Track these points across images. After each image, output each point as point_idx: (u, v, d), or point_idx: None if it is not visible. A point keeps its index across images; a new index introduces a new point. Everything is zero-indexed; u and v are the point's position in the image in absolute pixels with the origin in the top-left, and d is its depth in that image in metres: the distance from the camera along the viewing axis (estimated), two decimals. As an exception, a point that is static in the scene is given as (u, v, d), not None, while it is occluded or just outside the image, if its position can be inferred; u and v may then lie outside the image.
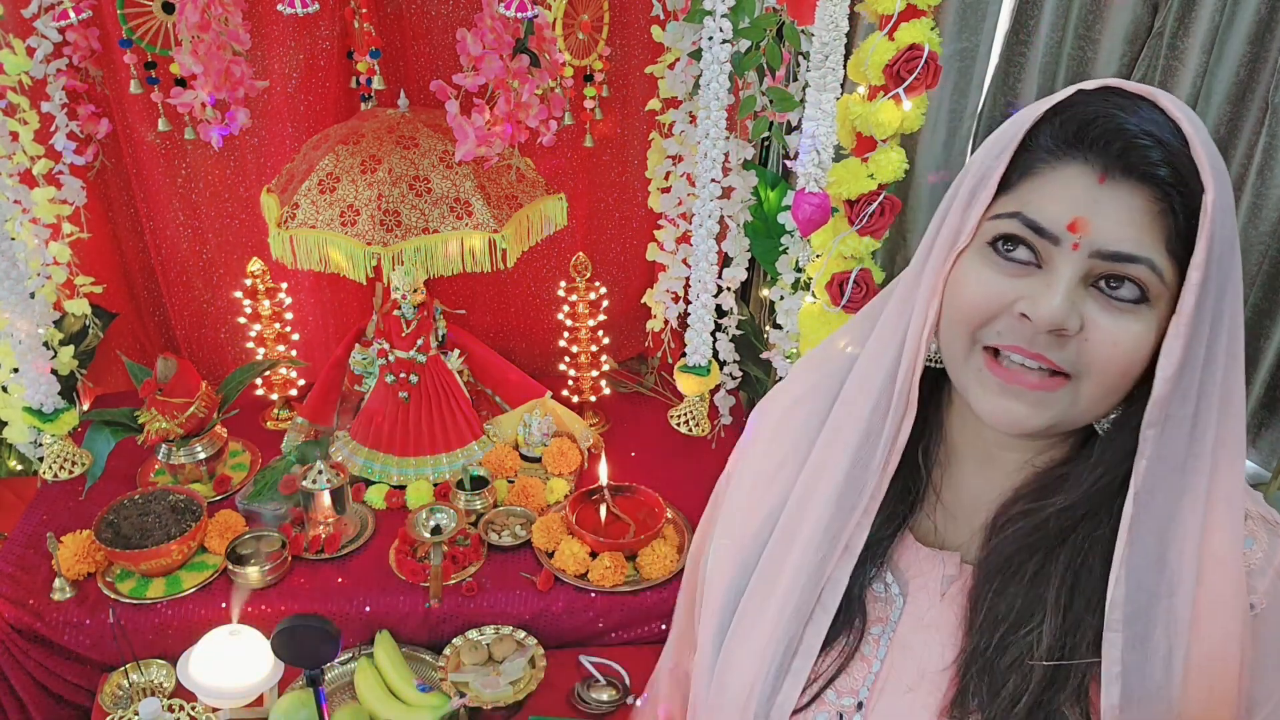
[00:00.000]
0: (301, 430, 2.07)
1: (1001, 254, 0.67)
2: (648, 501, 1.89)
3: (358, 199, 1.73)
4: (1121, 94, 0.65)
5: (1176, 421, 0.65)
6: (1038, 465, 0.74)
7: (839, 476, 0.76)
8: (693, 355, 2.08)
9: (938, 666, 0.73)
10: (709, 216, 1.92)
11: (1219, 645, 0.67)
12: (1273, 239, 2.31)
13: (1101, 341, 0.65)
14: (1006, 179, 0.68)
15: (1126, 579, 0.66)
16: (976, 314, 0.68)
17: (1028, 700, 0.68)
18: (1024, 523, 0.72)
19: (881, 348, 0.76)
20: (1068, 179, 0.65)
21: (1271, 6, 2.14)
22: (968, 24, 2.27)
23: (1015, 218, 0.66)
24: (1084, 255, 0.64)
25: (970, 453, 0.77)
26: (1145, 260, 0.63)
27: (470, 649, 1.65)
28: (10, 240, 1.84)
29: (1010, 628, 0.70)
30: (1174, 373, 0.64)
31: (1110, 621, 0.66)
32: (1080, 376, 0.66)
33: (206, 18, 1.69)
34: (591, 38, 1.97)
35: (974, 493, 0.77)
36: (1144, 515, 0.66)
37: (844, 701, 0.75)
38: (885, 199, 1.59)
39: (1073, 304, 0.64)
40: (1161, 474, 0.66)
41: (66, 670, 1.68)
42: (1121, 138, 0.63)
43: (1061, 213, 0.64)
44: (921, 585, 0.76)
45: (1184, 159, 0.62)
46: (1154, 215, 0.63)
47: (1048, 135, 0.66)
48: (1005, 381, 0.67)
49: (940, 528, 0.79)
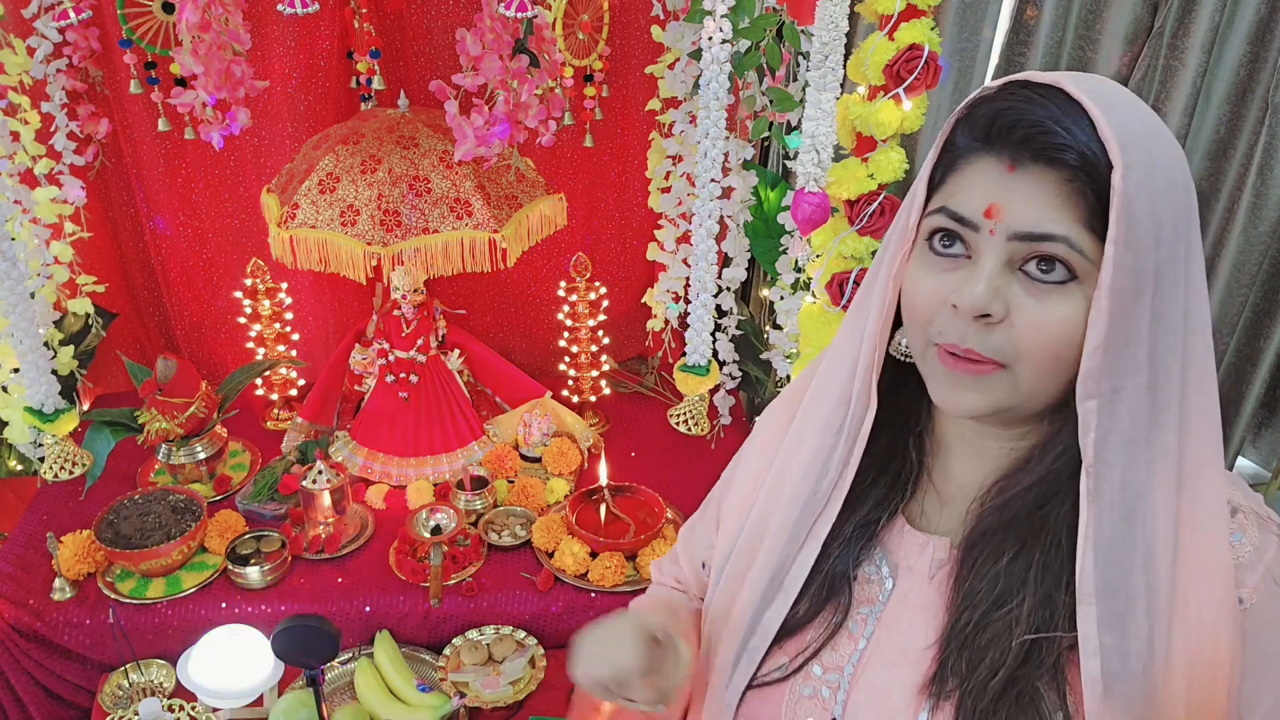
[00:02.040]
0: (301, 430, 2.07)
1: (937, 250, 0.71)
2: (648, 501, 1.89)
3: (358, 199, 1.73)
4: (1029, 86, 0.67)
5: (1129, 393, 0.66)
6: (1017, 451, 0.76)
7: (802, 468, 0.81)
8: (692, 355, 2.08)
9: (921, 645, 0.75)
10: (709, 216, 1.92)
11: (1205, 623, 0.68)
12: (1272, 239, 2.31)
13: (1026, 326, 0.67)
14: (937, 179, 0.72)
15: (1094, 553, 0.67)
16: (922, 312, 0.71)
17: (1003, 675, 0.69)
18: (997, 503, 0.74)
19: (842, 347, 0.80)
20: (982, 170, 0.68)
21: (1271, 6, 2.14)
22: (968, 24, 2.27)
23: (941, 211, 0.70)
24: (1002, 239, 0.67)
25: (956, 441, 0.80)
26: (1061, 238, 0.65)
27: (470, 649, 1.65)
28: (10, 240, 1.84)
29: (991, 606, 0.72)
30: (1099, 344, 0.65)
31: (1083, 596, 0.67)
32: (1014, 362, 0.68)
33: (206, 18, 1.69)
34: (591, 38, 1.97)
35: (962, 478, 0.79)
36: (1105, 488, 0.67)
37: (829, 676, 0.78)
38: (885, 199, 1.59)
39: (996, 289, 0.67)
40: (1118, 446, 0.67)
41: (66, 670, 1.68)
42: (1024, 126, 0.65)
43: (978, 201, 0.68)
44: (910, 568, 0.79)
45: (1089, 143, 0.64)
46: (1066, 195, 0.65)
47: (961, 134, 0.70)
48: (949, 369, 0.70)
49: (931, 512, 0.81)
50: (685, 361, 2.10)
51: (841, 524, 0.80)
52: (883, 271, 0.76)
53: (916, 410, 0.82)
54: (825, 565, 0.80)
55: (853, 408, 0.78)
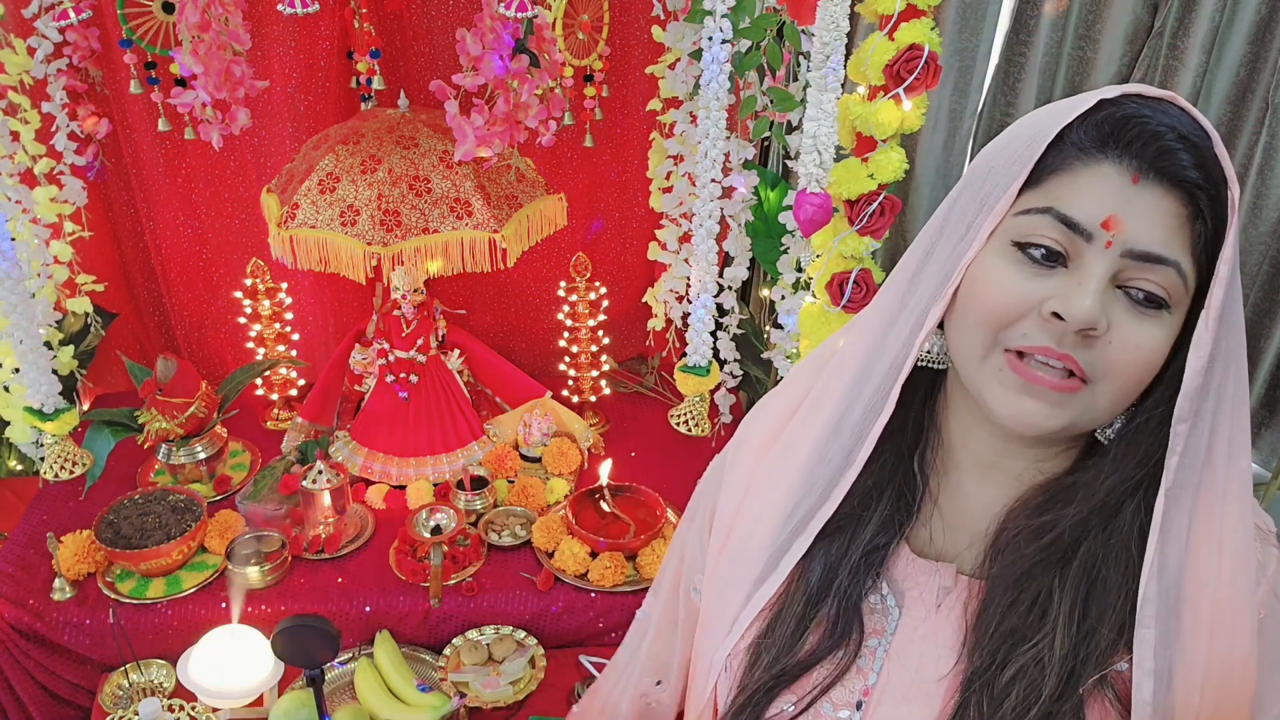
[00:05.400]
0: (301, 430, 2.06)
1: (1026, 253, 0.67)
2: (648, 501, 1.89)
3: (358, 199, 1.73)
4: (1145, 97, 0.65)
5: (1202, 417, 0.66)
6: (1041, 474, 0.74)
7: (801, 466, 0.78)
8: (693, 355, 2.08)
9: (933, 677, 0.73)
10: (709, 216, 1.92)
11: (1238, 645, 0.67)
12: (1273, 239, 2.31)
13: (1124, 345, 0.65)
14: (1031, 176, 0.67)
15: (1159, 577, 0.66)
16: (1002, 315, 0.67)
17: (1035, 713, 0.67)
18: (1034, 537, 0.71)
19: (860, 347, 0.76)
20: (1102, 177, 0.64)
21: (1271, 6, 2.14)
22: (968, 24, 2.27)
23: (1047, 213, 0.66)
24: (1116, 254, 0.64)
25: (970, 460, 0.77)
26: (1174, 263, 0.64)
27: (470, 649, 1.65)
28: (11, 240, 1.84)
29: (1017, 642, 0.69)
30: (1203, 365, 0.64)
31: (1143, 619, 0.66)
32: (1099, 380, 0.66)
33: (206, 18, 1.69)
34: (591, 38, 1.97)
35: (974, 502, 0.76)
36: (1175, 511, 0.66)
37: (840, 713, 0.74)
38: (885, 199, 1.59)
39: (1103, 304, 0.64)
40: (1189, 468, 0.66)
41: (66, 670, 1.68)
42: (1157, 139, 0.63)
43: (1096, 209, 0.64)
44: (917, 597, 0.76)
45: (1210, 160, 0.63)
46: (1183, 219, 0.63)
47: (1080, 133, 0.66)
48: (1028, 381, 0.67)
49: (937, 538, 0.78)
50: (685, 362, 2.10)
51: (846, 550, 0.76)
52: (932, 272, 0.71)
53: (920, 424, 0.78)
54: (832, 595, 0.75)
55: (868, 405, 0.74)
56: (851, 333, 0.80)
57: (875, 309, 0.77)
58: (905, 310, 0.73)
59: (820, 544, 0.77)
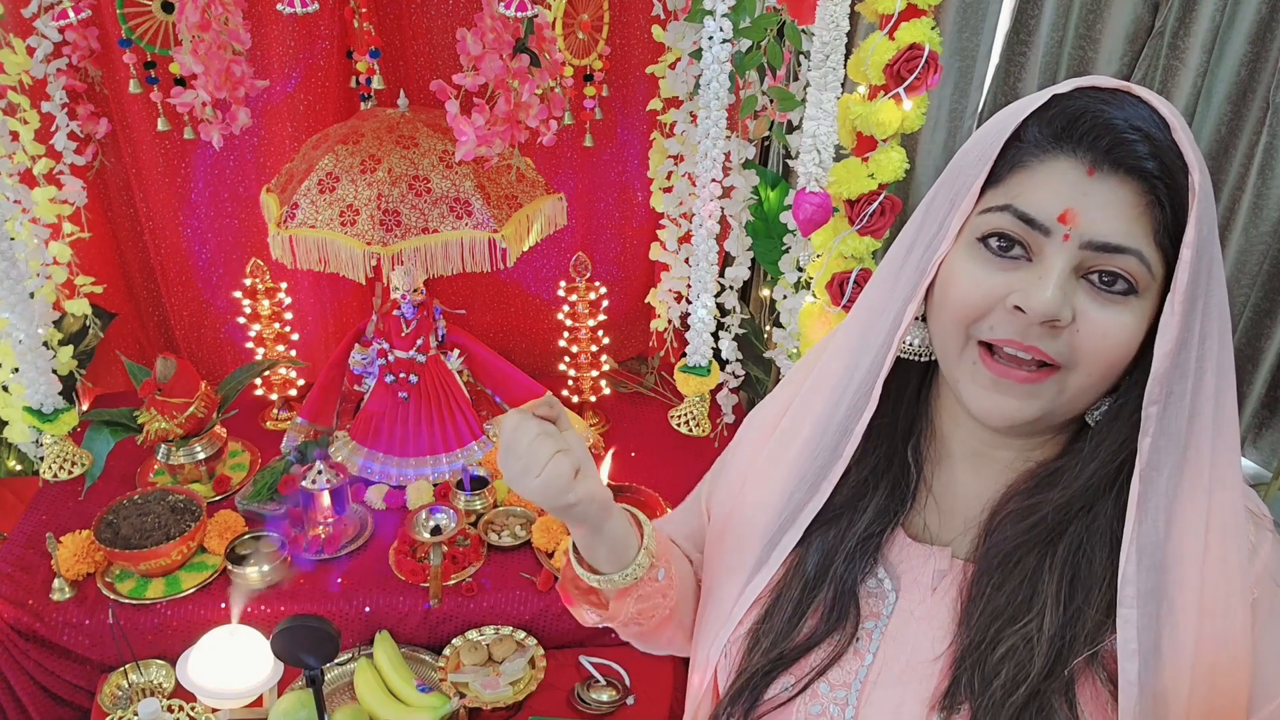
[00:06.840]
0: (301, 430, 2.06)
1: (991, 249, 0.69)
2: (648, 501, 1.89)
3: (357, 199, 1.73)
4: (1100, 90, 0.66)
5: (1177, 398, 0.67)
6: (1031, 461, 0.76)
7: (793, 461, 0.81)
8: (693, 355, 2.08)
9: (927, 658, 0.74)
10: (710, 216, 1.92)
11: (1231, 626, 0.68)
12: (1273, 239, 2.31)
13: (1092, 333, 0.66)
14: (994, 174, 0.69)
15: (1137, 557, 0.67)
16: (970, 309, 0.69)
17: (1025, 691, 0.68)
18: (1020, 519, 0.73)
19: (846, 344, 0.79)
20: (1057, 172, 0.66)
21: (1272, 6, 2.14)
22: (968, 24, 2.27)
23: (1006, 210, 0.68)
24: (1074, 246, 0.65)
25: (962, 450, 0.79)
26: (1134, 251, 0.65)
27: (470, 649, 1.65)
28: (10, 240, 1.84)
29: (1005, 622, 0.71)
30: (1171, 349, 0.65)
31: (1124, 599, 0.67)
32: (1069, 367, 0.68)
33: (206, 17, 1.69)
34: (591, 38, 1.97)
35: (967, 489, 0.78)
36: (1151, 493, 0.67)
37: (837, 694, 0.76)
38: (885, 199, 1.59)
39: (1065, 295, 0.66)
40: (1165, 450, 0.67)
41: (66, 670, 1.67)
42: (1110, 131, 0.64)
43: (1052, 204, 0.66)
44: (913, 580, 0.78)
45: (1168, 149, 0.64)
46: (1142, 208, 0.64)
47: (1036, 130, 0.67)
48: (997, 376, 0.69)
49: (931, 524, 0.80)
50: (686, 362, 2.10)
51: (843, 537, 0.78)
52: (909, 270, 0.73)
53: (913, 415, 0.81)
54: (828, 581, 0.78)
55: (852, 402, 0.77)
56: (841, 330, 0.82)
57: (862, 305, 0.80)
58: (888, 307, 0.76)
59: (817, 532, 0.79)
